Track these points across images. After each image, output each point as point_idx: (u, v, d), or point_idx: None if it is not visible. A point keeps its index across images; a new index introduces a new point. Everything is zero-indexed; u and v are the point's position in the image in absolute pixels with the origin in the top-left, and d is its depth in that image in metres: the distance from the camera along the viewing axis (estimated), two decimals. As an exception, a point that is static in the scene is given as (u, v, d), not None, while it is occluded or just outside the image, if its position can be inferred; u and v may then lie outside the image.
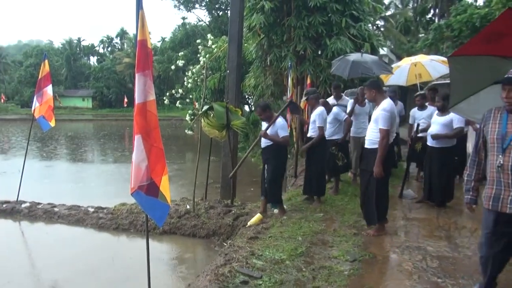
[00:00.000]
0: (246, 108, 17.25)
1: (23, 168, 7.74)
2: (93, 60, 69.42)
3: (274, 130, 5.42)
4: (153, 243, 5.56)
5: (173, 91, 19.44)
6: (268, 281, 3.60)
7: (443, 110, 5.66)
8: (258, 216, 5.62)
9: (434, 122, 5.75)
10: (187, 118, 18.21)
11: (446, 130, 5.62)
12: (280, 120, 5.47)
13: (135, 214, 6.58)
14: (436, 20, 26.49)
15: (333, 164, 6.70)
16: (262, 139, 5.51)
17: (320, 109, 6.03)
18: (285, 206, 6.16)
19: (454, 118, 5.53)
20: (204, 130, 6.46)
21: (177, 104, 19.96)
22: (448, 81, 8.66)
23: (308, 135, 6.24)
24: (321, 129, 5.92)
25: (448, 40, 15.42)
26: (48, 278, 4.81)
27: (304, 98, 5.93)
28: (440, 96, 5.75)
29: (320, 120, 5.90)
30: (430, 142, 5.81)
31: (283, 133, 5.43)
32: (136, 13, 2.80)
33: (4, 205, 7.40)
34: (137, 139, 3.03)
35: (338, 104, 7.16)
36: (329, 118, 6.57)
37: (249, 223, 5.55)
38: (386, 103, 4.50)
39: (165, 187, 3.13)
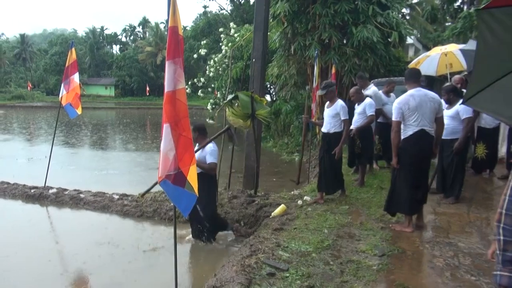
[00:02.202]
0: (268, 97, 17.13)
1: (50, 155, 7.90)
2: (115, 48, 70.40)
3: (203, 155, 5.12)
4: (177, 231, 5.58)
5: (195, 80, 19.46)
6: (295, 273, 3.55)
7: (450, 103, 5.51)
8: (282, 207, 5.56)
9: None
10: (208, 107, 18.23)
11: (455, 122, 5.43)
12: (211, 145, 5.17)
13: (159, 202, 6.63)
14: (465, 8, 25.58)
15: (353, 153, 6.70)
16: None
17: (341, 102, 5.68)
18: (309, 198, 6.09)
19: (460, 109, 5.36)
20: (228, 119, 6.41)
21: (199, 93, 19.98)
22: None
23: (325, 130, 5.79)
24: (347, 122, 5.67)
25: (478, 29, 14.88)
26: (74, 264, 4.88)
27: (322, 92, 5.65)
28: (445, 89, 5.58)
29: (346, 113, 5.60)
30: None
31: (211, 159, 5.10)
32: (167, 0, 2.74)
33: (32, 191, 7.57)
34: (166, 128, 2.99)
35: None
36: (360, 108, 6.47)
37: (273, 214, 5.50)
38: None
39: (192, 177, 3.09)
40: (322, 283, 3.39)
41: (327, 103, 5.82)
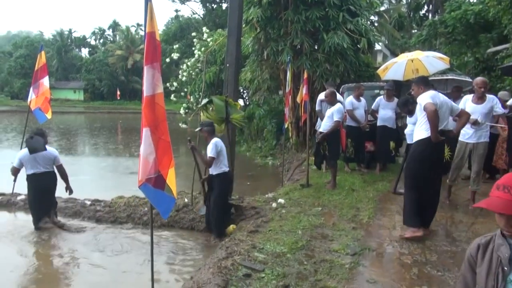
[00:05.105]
0: (241, 102, 17.21)
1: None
2: (84, 52, 68.70)
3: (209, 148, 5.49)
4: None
5: (167, 84, 19.32)
6: (271, 274, 3.64)
7: (411, 113, 5.69)
8: (232, 226, 5.63)
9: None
10: (181, 111, 18.14)
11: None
12: (213, 141, 5.49)
13: (133, 207, 6.56)
14: (430, 16, 26.61)
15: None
16: None
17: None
18: (283, 200, 6.20)
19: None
20: (203, 123, 6.43)
21: (172, 97, 19.85)
22: (445, 77, 8.75)
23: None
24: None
25: (442, 36, 15.49)
26: (43, 271, 4.79)
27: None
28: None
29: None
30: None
31: (208, 153, 5.46)
32: (144, 5, 2.78)
33: (-1, 198, 7.33)
34: (145, 132, 3.02)
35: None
36: (330, 112, 6.89)
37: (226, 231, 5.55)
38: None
39: (171, 180, 3.13)
40: (297, 282, 3.49)
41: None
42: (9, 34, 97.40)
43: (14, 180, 6.46)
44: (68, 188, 6.21)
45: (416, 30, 27.86)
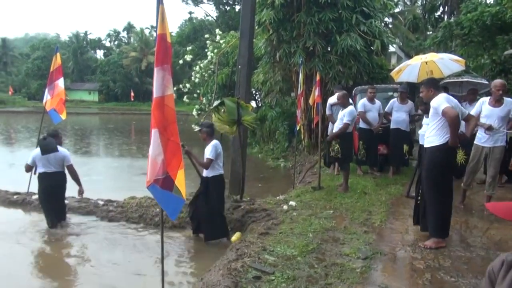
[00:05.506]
0: (253, 103, 17.23)
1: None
2: (99, 53, 69.71)
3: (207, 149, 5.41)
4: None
5: (180, 86, 19.45)
6: (281, 276, 3.62)
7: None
8: (237, 233, 5.56)
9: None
10: (194, 113, 18.22)
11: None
12: (212, 142, 5.43)
13: (145, 207, 6.60)
14: (445, 17, 26.25)
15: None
16: None
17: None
18: (294, 203, 6.17)
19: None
20: (214, 125, 6.45)
21: (184, 98, 19.97)
22: (460, 80, 8.61)
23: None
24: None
25: (457, 38, 15.26)
26: (54, 270, 4.85)
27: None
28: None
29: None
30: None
31: (206, 155, 5.37)
32: (156, 8, 2.80)
33: (15, 197, 7.46)
34: (154, 133, 3.05)
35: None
36: (341, 114, 6.87)
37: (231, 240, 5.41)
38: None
39: (180, 181, 3.14)
40: (307, 285, 3.47)
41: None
42: (27, 36, 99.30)
43: (34, 173, 6.50)
44: (80, 191, 6.24)
45: (431, 32, 27.51)
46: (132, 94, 52.79)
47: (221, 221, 5.52)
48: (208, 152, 5.35)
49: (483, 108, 5.47)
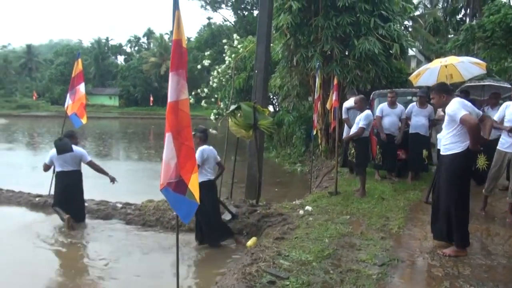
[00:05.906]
0: (271, 108, 17.25)
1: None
2: (120, 59, 70.94)
3: None
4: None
5: (199, 90, 19.63)
6: (295, 282, 3.59)
7: None
8: (253, 239, 5.51)
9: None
10: (212, 117, 18.36)
11: None
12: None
13: (162, 211, 6.67)
14: (467, 20, 25.74)
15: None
16: None
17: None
18: (310, 208, 6.12)
19: None
20: (231, 129, 6.49)
21: (202, 103, 20.15)
22: (482, 83, 8.43)
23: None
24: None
25: (480, 41, 14.93)
26: (70, 272, 4.94)
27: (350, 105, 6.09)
28: None
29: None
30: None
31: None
32: (172, 13, 2.84)
33: (37, 199, 7.64)
34: (168, 137, 3.08)
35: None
36: (358, 118, 6.80)
37: (247, 245, 5.37)
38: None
39: (194, 185, 3.16)
40: (321, 291, 3.43)
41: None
42: (51, 42, 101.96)
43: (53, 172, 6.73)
44: (111, 178, 6.60)
45: (452, 35, 27.00)
46: (152, 98, 53.51)
47: (218, 223, 5.57)
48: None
49: (507, 112, 5.33)
